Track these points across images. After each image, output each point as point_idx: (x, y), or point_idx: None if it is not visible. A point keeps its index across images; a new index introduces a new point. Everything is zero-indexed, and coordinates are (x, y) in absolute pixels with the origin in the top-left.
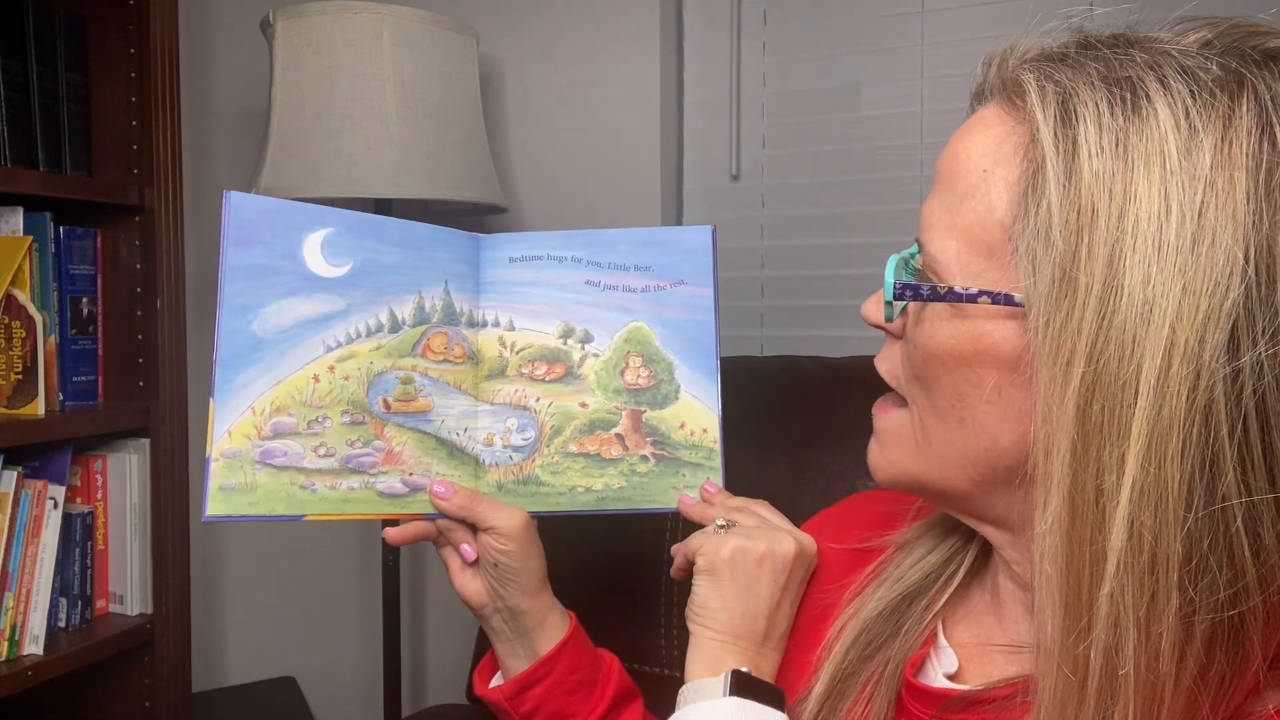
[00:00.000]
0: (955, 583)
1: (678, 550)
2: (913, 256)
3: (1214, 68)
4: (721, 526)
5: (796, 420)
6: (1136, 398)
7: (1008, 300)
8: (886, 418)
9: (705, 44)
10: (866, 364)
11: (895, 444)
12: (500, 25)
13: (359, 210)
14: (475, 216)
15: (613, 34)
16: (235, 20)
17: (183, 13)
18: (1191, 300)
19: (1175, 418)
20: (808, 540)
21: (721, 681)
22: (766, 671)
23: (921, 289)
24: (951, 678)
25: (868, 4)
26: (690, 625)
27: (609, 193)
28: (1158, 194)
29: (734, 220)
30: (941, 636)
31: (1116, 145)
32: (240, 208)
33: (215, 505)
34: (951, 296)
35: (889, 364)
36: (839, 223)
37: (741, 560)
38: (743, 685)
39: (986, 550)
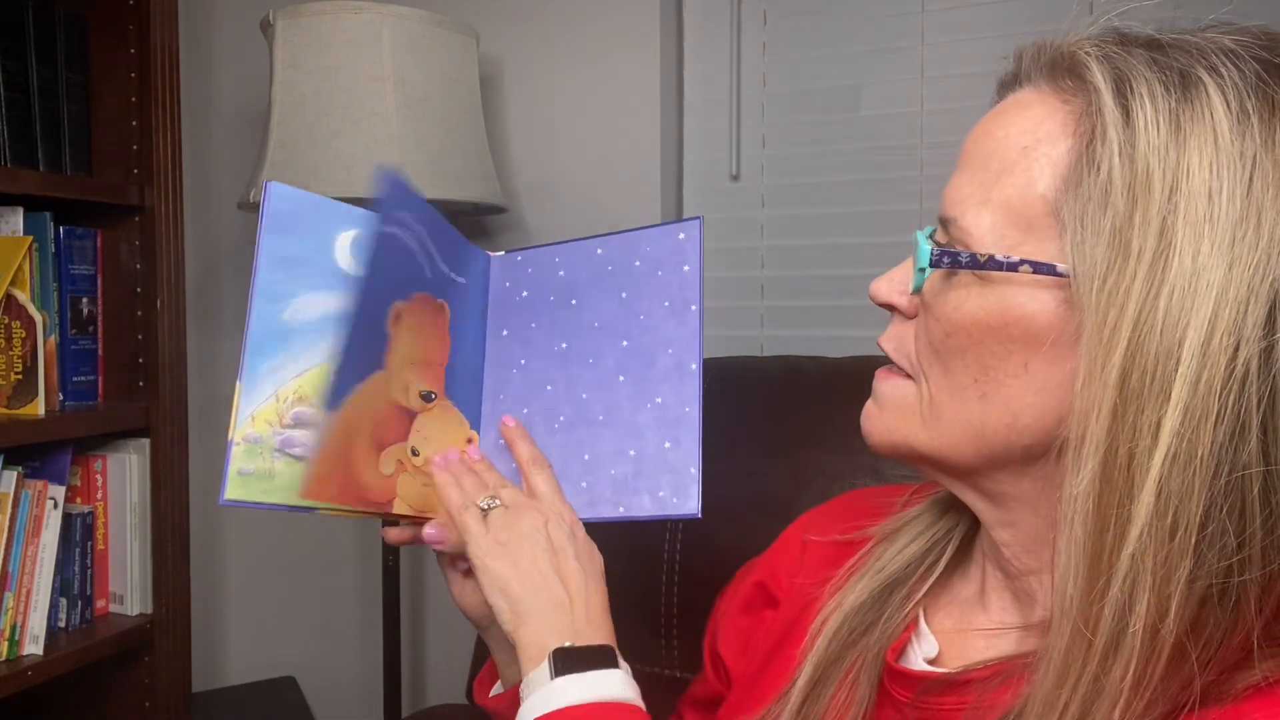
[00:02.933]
0: (937, 571)
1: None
2: (931, 235)
3: (1254, 61)
4: (484, 509)
5: (796, 420)
6: (1178, 365)
7: (1050, 270)
8: (891, 382)
9: (705, 44)
10: (866, 364)
11: (897, 411)
12: (500, 25)
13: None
14: (475, 216)
15: (613, 34)
16: (235, 20)
17: (183, 13)
18: (1238, 275)
19: (1213, 386)
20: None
21: (546, 665)
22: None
23: (960, 256)
24: (932, 662)
25: (868, 4)
26: (511, 638)
27: (609, 193)
28: (1210, 171)
29: (734, 220)
30: (923, 622)
31: (1170, 122)
32: (278, 198)
33: (234, 489)
34: (992, 264)
35: (897, 342)
36: (839, 223)
37: (517, 548)
38: (565, 660)
39: (969, 540)
